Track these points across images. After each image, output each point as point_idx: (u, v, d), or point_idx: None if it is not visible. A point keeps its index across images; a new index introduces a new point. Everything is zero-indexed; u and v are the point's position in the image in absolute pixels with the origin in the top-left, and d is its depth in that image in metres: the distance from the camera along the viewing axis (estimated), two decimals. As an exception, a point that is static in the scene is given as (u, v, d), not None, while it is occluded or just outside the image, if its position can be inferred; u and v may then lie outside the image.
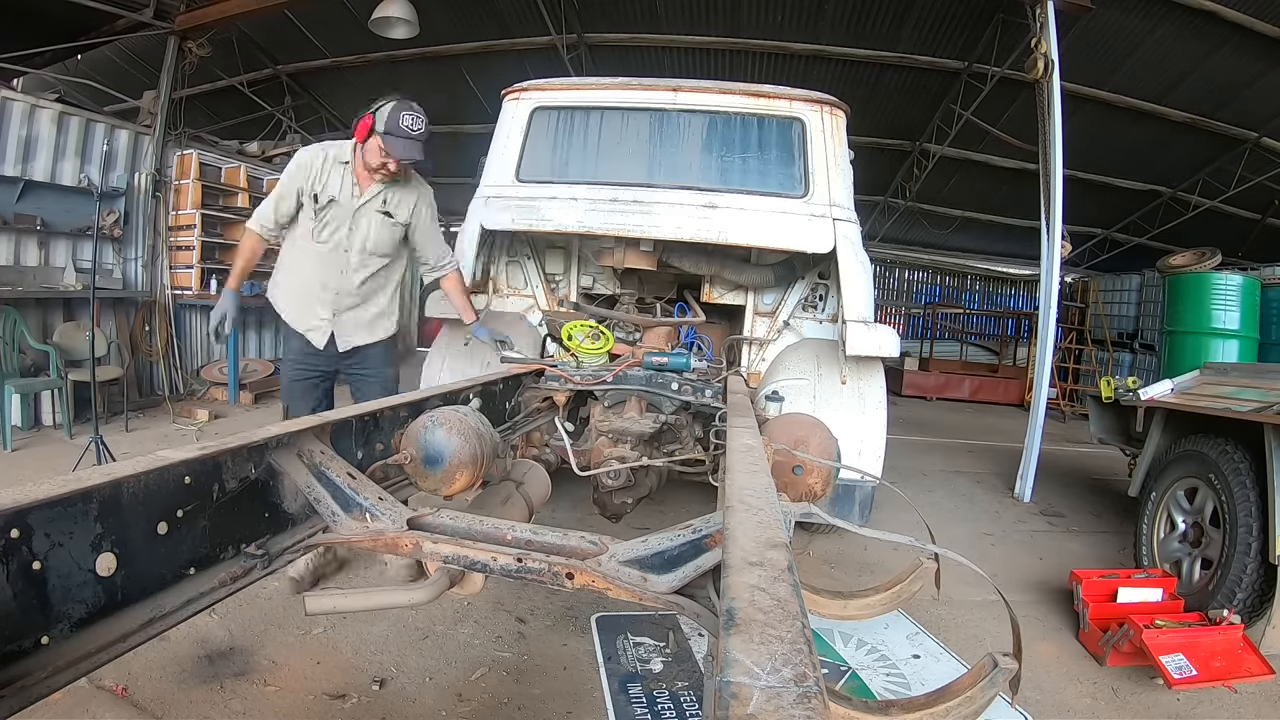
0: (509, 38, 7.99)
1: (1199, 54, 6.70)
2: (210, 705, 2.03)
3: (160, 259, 6.69)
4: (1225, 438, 2.92)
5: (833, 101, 3.49)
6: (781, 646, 0.64)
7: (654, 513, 3.71)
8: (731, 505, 1.15)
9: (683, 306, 3.79)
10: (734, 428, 2.02)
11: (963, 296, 13.35)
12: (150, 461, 1.07)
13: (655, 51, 7.99)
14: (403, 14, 6.68)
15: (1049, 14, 5.05)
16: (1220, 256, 8.40)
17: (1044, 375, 5.16)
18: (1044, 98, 5.07)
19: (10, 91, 5.71)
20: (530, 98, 3.65)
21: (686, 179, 3.49)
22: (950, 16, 6.86)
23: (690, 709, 2.14)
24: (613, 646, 2.49)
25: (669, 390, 2.77)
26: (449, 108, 9.72)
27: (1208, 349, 7.66)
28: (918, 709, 1.20)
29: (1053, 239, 5.04)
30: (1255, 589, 2.61)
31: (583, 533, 1.32)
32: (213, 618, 2.44)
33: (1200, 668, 2.36)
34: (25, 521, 0.86)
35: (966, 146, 9.03)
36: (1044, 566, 3.64)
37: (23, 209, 5.43)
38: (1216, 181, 8.73)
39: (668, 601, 1.21)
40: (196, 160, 6.83)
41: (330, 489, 1.37)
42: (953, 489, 5.24)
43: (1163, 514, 3.24)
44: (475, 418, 1.73)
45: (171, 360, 6.68)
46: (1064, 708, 2.35)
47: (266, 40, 8.25)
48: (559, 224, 3.43)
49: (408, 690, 2.18)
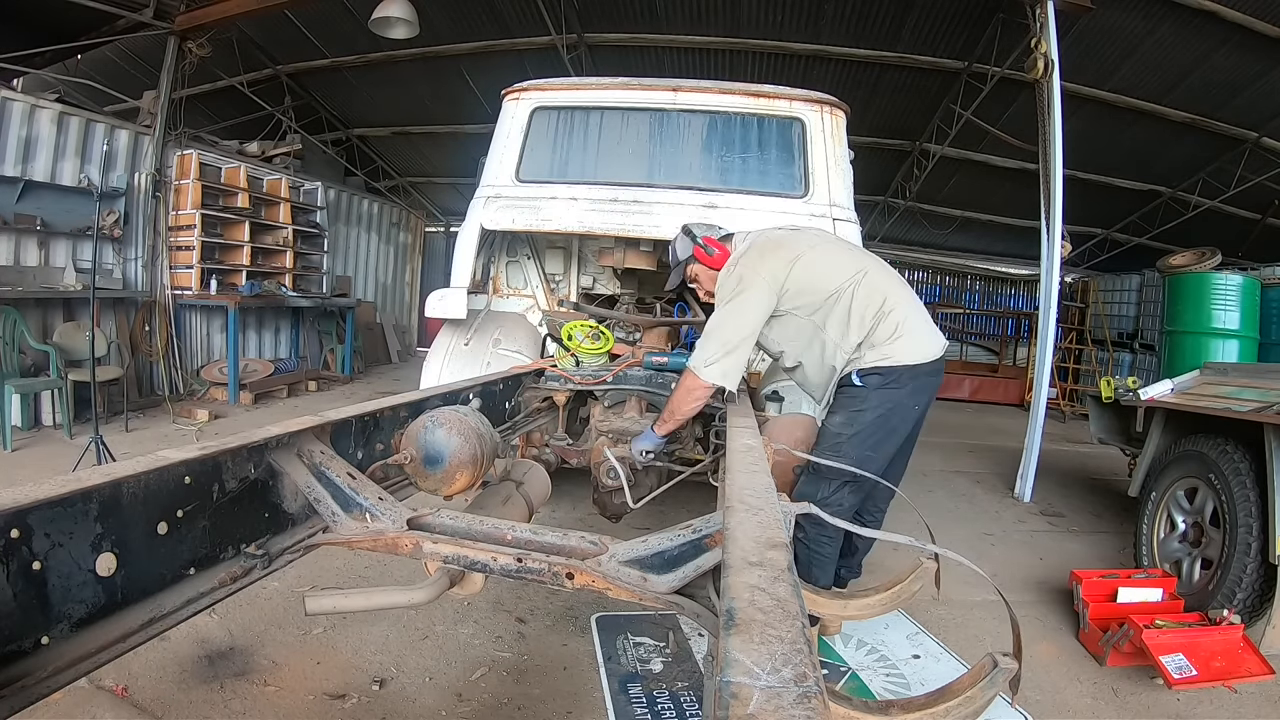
0: (509, 38, 7.98)
1: (1199, 54, 6.70)
2: (210, 705, 2.03)
3: (160, 259, 6.70)
4: (1225, 438, 2.92)
5: (833, 101, 3.49)
6: (781, 646, 0.64)
7: (654, 513, 3.71)
8: (731, 505, 1.15)
9: (683, 306, 3.79)
10: (734, 428, 2.03)
11: (963, 296, 13.33)
12: (150, 461, 1.07)
13: (655, 51, 7.99)
14: (403, 14, 6.68)
15: (1049, 14, 5.05)
16: (1220, 256, 8.40)
17: (1044, 375, 5.16)
18: (1044, 98, 5.07)
19: (10, 91, 5.71)
20: (530, 98, 3.65)
21: (687, 179, 3.49)
22: (950, 16, 6.86)
23: (690, 709, 2.14)
24: (613, 646, 2.49)
25: (669, 390, 2.77)
26: (449, 108, 9.73)
27: (1208, 349, 7.66)
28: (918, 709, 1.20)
29: (1053, 239, 5.04)
30: (1255, 589, 2.61)
31: (583, 533, 1.32)
32: (213, 618, 2.44)
33: (1200, 668, 2.36)
34: (25, 521, 0.86)
35: (966, 146, 9.03)
36: (1044, 566, 3.64)
37: (23, 209, 5.44)
38: (1216, 181, 8.73)
39: (668, 601, 1.21)
40: (196, 160, 6.83)
41: (330, 489, 1.37)
42: (953, 489, 5.24)
43: (1163, 514, 3.24)
44: (475, 418, 1.73)
45: (171, 360, 6.68)
46: (1064, 708, 2.35)
47: (266, 40, 8.25)
48: (559, 224, 3.43)
49: (408, 690, 2.18)
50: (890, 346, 2.26)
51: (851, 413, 2.32)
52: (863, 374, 2.29)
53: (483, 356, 3.32)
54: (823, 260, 2.39)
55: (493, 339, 3.44)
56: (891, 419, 2.32)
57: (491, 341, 3.42)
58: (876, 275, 2.37)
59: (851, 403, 2.33)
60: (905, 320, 2.30)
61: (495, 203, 3.52)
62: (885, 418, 2.30)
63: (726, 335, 2.31)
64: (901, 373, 2.27)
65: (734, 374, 2.31)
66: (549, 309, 3.88)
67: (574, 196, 3.46)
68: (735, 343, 2.30)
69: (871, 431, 2.30)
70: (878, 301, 2.30)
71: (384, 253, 11.27)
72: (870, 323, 2.29)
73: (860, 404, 2.31)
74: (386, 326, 11.17)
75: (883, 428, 2.31)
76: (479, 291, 3.78)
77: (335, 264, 9.57)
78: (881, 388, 2.27)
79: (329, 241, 8.91)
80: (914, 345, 2.30)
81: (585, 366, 2.97)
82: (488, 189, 3.58)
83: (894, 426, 2.35)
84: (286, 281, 7.89)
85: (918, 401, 2.37)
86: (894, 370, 2.26)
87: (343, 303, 8.87)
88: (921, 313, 2.41)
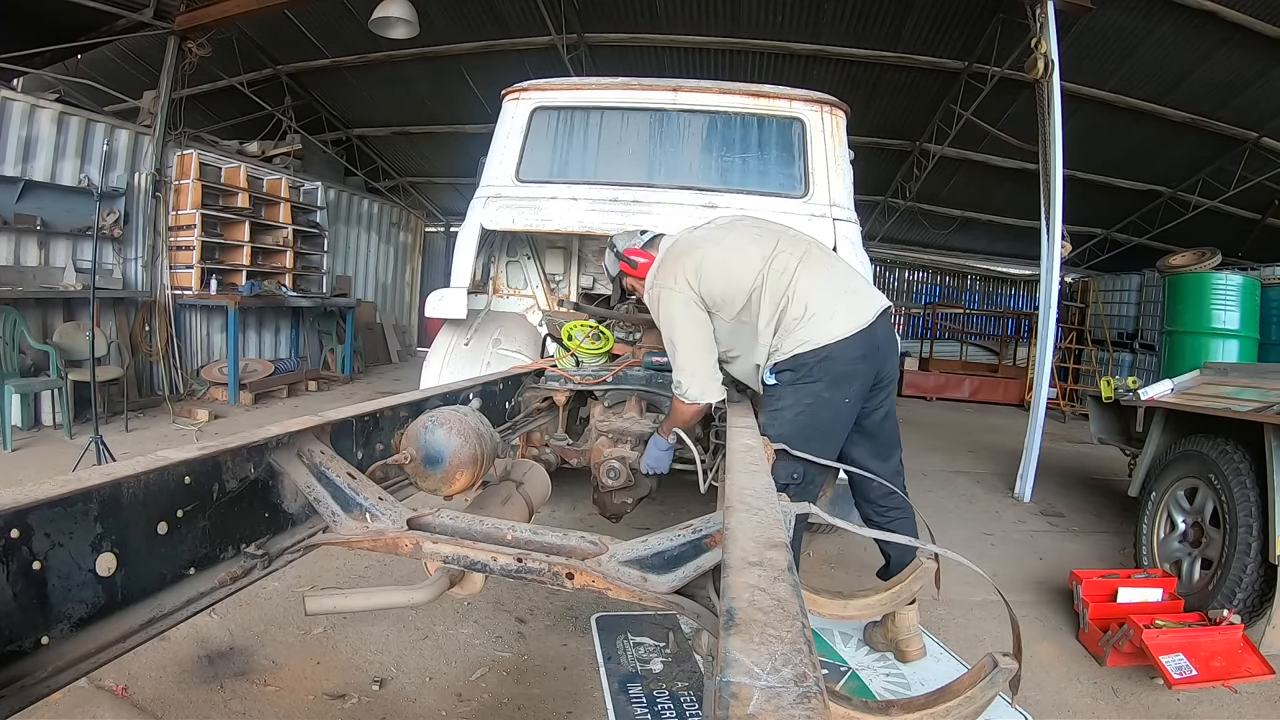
0: (509, 38, 7.99)
1: (1199, 54, 6.70)
2: (210, 705, 2.03)
3: (160, 259, 6.70)
4: (1225, 438, 2.92)
5: (833, 101, 3.49)
6: (781, 646, 0.64)
7: (654, 513, 3.72)
8: (731, 505, 1.15)
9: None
10: (734, 428, 2.02)
11: (963, 296, 13.34)
12: (150, 461, 1.07)
13: (655, 51, 7.99)
14: (403, 14, 6.68)
15: (1049, 14, 5.05)
16: (1220, 256, 8.40)
17: (1044, 375, 5.16)
18: (1044, 98, 5.07)
19: (10, 91, 5.71)
20: (530, 98, 3.65)
21: (686, 179, 3.49)
22: (950, 16, 6.86)
23: (690, 709, 2.14)
24: (613, 646, 2.49)
25: (668, 390, 2.77)
26: (449, 108, 9.73)
27: (1208, 349, 7.66)
28: (918, 709, 1.20)
29: (1053, 239, 5.04)
30: (1255, 589, 2.60)
31: (583, 533, 1.32)
32: (213, 618, 2.44)
33: (1200, 668, 2.36)
34: (25, 521, 0.86)
35: (966, 146, 9.03)
36: (1044, 566, 3.64)
37: (23, 209, 5.44)
38: (1216, 181, 8.73)
39: (668, 601, 1.20)
40: (196, 160, 6.83)
41: (330, 489, 1.37)
42: (953, 489, 5.24)
43: (1163, 514, 3.24)
44: (475, 418, 1.73)
45: (171, 360, 6.69)
46: (1064, 708, 2.35)
47: (266, 40, 8.25)
48: (559, 224, 3.43)
49: (408, 690, 2.18)
50: (803, 330, 2.14)
51: (770, 413, 2.23)
52: (776, 370, 2.20)
53: (483, 356, 3.32)
54: (731, 257, 2.25)
55: (493, 339, 3.44)
56: (818, 415, 2.17)
57: (491, 341, 3.42)
58: (784, 255, 2.22)
59: (769, 402, 2.24)
60: (814, 297, 2.16)
61: (495, 203, 3.53)
62: (809, 413, 2.16)
63: (681, 359, 2.25)
64: (812, 365, 2.14)
65: (712, 388, 2.27)
66: (549, 309, 3.88)
67: (574, 196, 3.46)
68: (694, 360, 2.24)
69: (797, 430, 2.15)
70: (784, 283, 2.17)
71: (384, 253, 11.27)
72: (779, 305, 2.16)
73: (776, 403, 2.21)
74: (386, 326, 11.17)
75: (810, 424, 2.16)
76: (479, 291, 3.78)
77: (335, 264, 9.57)
78: (795, 384, 2.16)
79: (329, 241, 8.91)
80: (828, 322, 2.14)
81: (585, 366, 2.97)
82: (488, 189, 3.58)
83: (822, 421, 2.19)
84: (286, 281, 7.89)
85: (843, 393, 2.18)
86: (804, 362, 2.13)
87: (343, 303, 8.87)
88: (839, 282, 2.25)
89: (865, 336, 2.17)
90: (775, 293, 2.18)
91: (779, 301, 2.17)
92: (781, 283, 2.18)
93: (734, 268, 2.23)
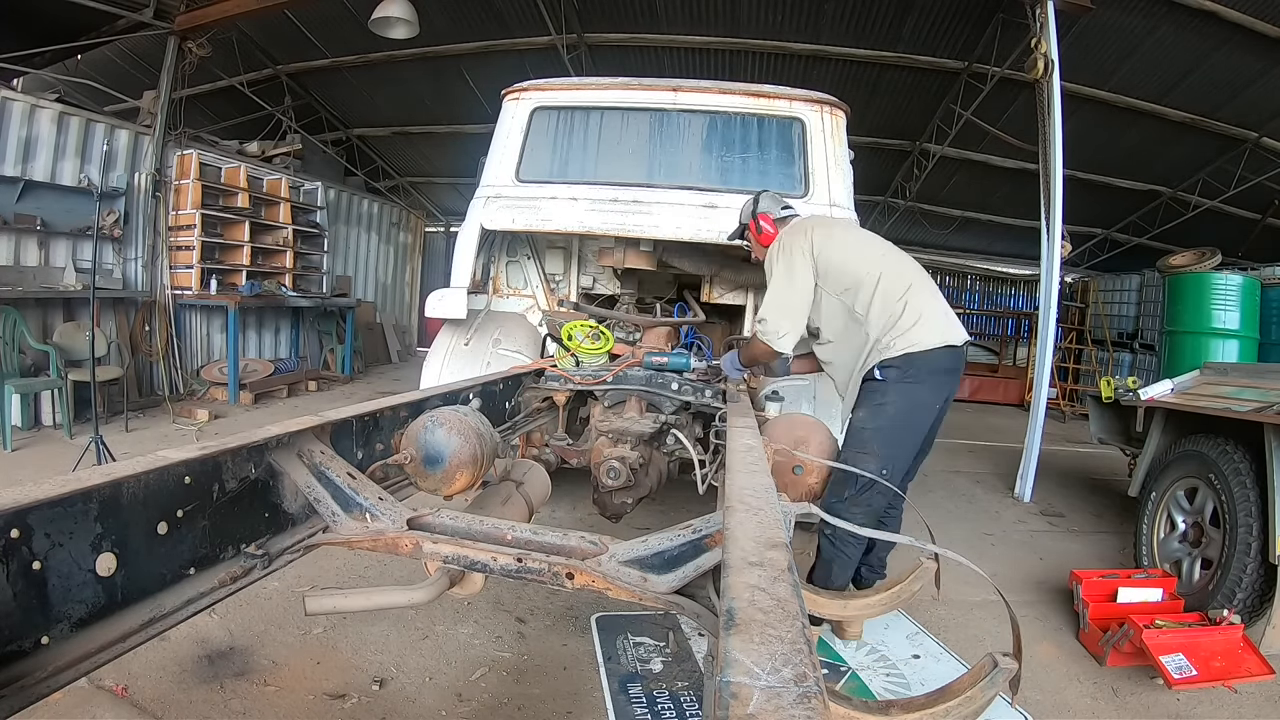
0: (509, 38, 7.98)
1: (1199, 54, 6.70)
2: (210, 705, 2.03)
3: (160, 259, 6.70)
4: (1225, 438, 2.92)
5: (833, 101, 3.49)
6: (781, 646, 0.64)
7: (654, 513, 3.71)
8: (731, 505, 1.15)
9: (683, 306, 3.79)
10: (734, 428, 2.02)
11: (963, 296, 13.32)
12: (150, 461, 1.07)
13: (655, 51, 7.99)
14: (403, 14, 6.68)
15: (1049, 14, 5.05)
16: (1220, 256, 8.40)
17: (1044, 375, 5.16)
18: (1044, 98, 5.07)
19: (10, 91, 5.71)
20: (530, 98, 3.65)
21: (686, 179, 3.49)
22: (950, 16, 6.86)
23: (690, 709, 2.14)
24: (613, 646, 2.49)
25: (669, 390, 2.77)
26: (449, 108, 9.72)
27: (1208, 349, 7.66)
28: (918, 709, 1.20)
29: (1053, 239, 5.04)
30: (1255, 589, 2.61)
31: (583, 533, 1.32)
32: (213, 618, 2.44)
33: (1200, 668, 2.36)
34: (25, 521, 0.86)
35: (966, 146, 9.03)
36: (1044, 566, 3.64)
37: (23, 209, 5.44)
38: (1216, 181, 8.72)
39: (668, 601, 1.20)
40: (196, 160, 6.83)
41: (330, 489, 1.37)
42: (953, 489, 5.24)
43: (1163, 514, 3.24)
44: (475, 418, 1.73)
45: (171, 360, 6.68)
46: (1064, 708, 2.35)
47: (266, 40, 8.25)
48: (559, 224, 3.43)
49: (408, 690, 2.18)
50: (914, 333, 2.31)
51: (874, 406, 2.37)
52: (884, 367, 2.33)
53: (483, 356, 3.32)
54: (853, 242, 2.56)
55: (493, 339, 3.44)
56: (913, 415, 2.37)
57: (491, 341, 3.42)
58: (902, 263, 2.50)
59: (873, 397, 2.38)
60: (927, 305, 2.37)
61: (495, 203, 3.53)
62: (906, 413, 2.35)
63: (781, 301, 2.47)
64: (920, 365, 2.31)
65: (792, 339, 2.50)
66: (549, 309, 3.88)
67: (574, 196, 3.46)
68: (793, 308, 2.47)
69: (895, 426, 2.34)
70: (903, 287, 2.38)
71: (384, 253, 11.27)
72: (896, 306, 2.35)
73: (881, 397, 2.35)
74: (386, 326, 11.17)
75: (905, 423, 2.36)
76: (479, 291, 3.78)
77: (335, 264, 9.57)
78: (900, 381, 2.32)
79: (329, 241, 8.91)
80: (935, 328, 2.34)
81: (585, 366, 2.97)
82: (488, 189, 3.58)
83: (915, 423, 2.39)
84: (286, 281, 7.88)
85: (936, 399, 2.40)
86: (911, 362, 2.30)
87: (343, 303, 8.87)
88: (942, 305, 2.48)
89: (960, 353, 2.43)
90: (890, 295, 2.37)
91: (893, 305, 2.36)
92: (898, 287, 2.39)
93: (852, 252, 2.52)
